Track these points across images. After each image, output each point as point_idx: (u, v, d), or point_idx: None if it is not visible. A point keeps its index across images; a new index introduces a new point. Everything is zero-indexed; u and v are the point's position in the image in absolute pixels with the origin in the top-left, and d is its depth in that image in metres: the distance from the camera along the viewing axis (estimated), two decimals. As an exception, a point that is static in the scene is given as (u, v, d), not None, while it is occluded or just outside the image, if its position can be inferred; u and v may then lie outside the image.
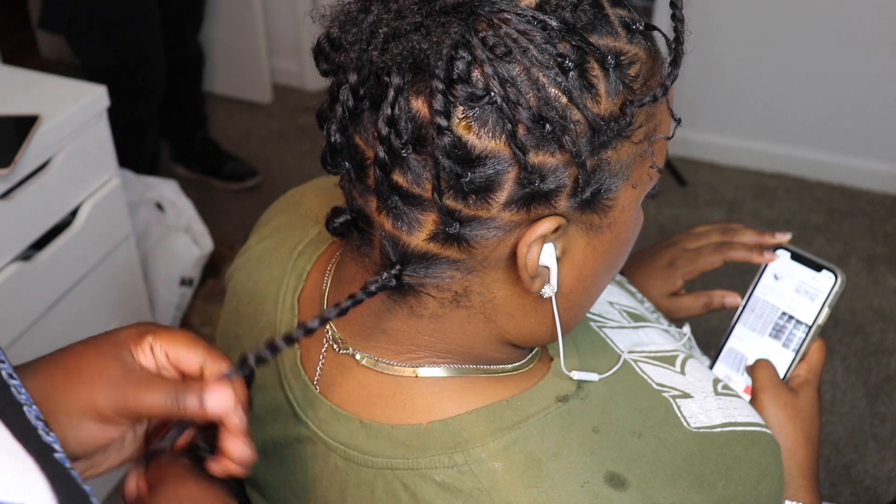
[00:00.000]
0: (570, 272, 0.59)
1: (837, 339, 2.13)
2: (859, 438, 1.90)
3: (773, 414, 0.79)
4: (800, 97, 2.59)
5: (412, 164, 0.53)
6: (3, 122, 1.34)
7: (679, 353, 0.75)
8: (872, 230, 2.49)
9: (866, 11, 2.39)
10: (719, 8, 2.51)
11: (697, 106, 2.67)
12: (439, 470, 0.59)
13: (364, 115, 0.54)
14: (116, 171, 1.55)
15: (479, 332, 0.61)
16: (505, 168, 0.51)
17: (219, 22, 2.85)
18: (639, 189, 0.58)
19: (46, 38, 3.08)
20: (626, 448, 0.62)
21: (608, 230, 0.58)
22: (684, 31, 0.56)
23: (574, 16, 0.51)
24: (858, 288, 2.28)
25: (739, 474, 0.66)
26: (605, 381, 0.66)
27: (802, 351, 0.84)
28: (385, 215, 0.55)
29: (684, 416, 0.67)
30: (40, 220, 1.41)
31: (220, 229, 2.37)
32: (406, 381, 0.62)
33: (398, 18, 0.51)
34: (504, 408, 0.61)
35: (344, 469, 0.63)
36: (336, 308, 0.58)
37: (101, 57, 2.10)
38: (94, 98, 1.44)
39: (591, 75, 0.52)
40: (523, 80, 0.50)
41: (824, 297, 0.84)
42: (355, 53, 0.52)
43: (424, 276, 0.57)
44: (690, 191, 2.64)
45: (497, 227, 0.54)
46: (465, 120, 0.50)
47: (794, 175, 2.69)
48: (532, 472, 0.58)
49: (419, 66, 0.50)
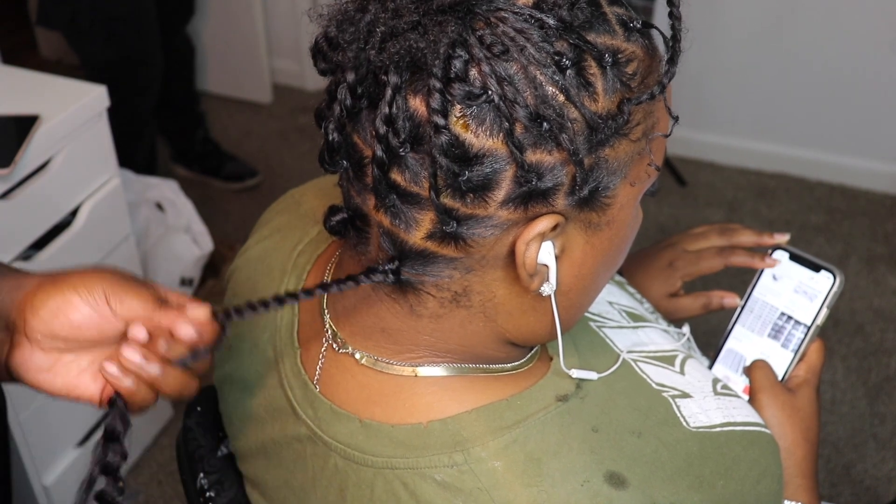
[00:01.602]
0: (569, 270, 0.59)
1: (837, 339, 2.13)
2: (859, 438, 1.90)
3: (772, 414, 0.79)
4: (800, 97, 2.59)
5: (410, 163, 0.53)
6: (3, 122, 1.34)
7: (678, 353, 0.75)
8: (872, 230, 2.49)
9: (866, 11, 2.39)
10: (719, 7, 2.51)
11: (697, 106, 2.67)
12: (439, 469, 0.59)
13: (362, 113, 0.54)
14: (116, 171, 1.55)
15: (479, 331, 0.61)
16: (502, 166, 0.51)
17: (219, 22, 2.85)
18: (637, 187, 0.58)
19: (46, 38, 3.08)
20: (626, 447, 0.62)
21: (607, 228, 0.58)
22: (681, 28, 0.56)
23: (571, 14, 0.51)
24: (858, 288, 2.28)
25: (739, 474, 0.66)
26: (605, 381, 0.66)
27: (801, 351, 0.84)
28: (383, 213, 0.55)
29: (684, 415, 0.67)
30: (40, 220, 1.41)
31: (220, 229, 2.37)
32: (406, 381, 0.62)
33: (395, 17, 0.51)
34: (504, 407, 0.61)
35: (344, 468, 0.63)
36: (336, 283, 0.58)
37: (100, 53, 2.11)
38: (94, 98, 1.44)
39: (588, 73, 0.52)
40: (520, 78, 0.50)
41: (823, 297, 0.84)
42: (353, 52, 0.52)
43: (423, 273, 0.57)
44: (690, 191, 2.64)
45: (495, 226, 0.54)
46: (462, 118, 0.51)
47: (794, 175, 2.69)
48: (532, 472, 0.58)
49: (416, 65, 0.51)
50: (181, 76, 2.49)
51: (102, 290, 0.57)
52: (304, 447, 0.66)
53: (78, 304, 0.57)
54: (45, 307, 0.57)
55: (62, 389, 0.59)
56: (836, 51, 2.47)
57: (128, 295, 0.58)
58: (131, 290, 0.58)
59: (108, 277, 0.58)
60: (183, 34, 2.51)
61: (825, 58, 2.49)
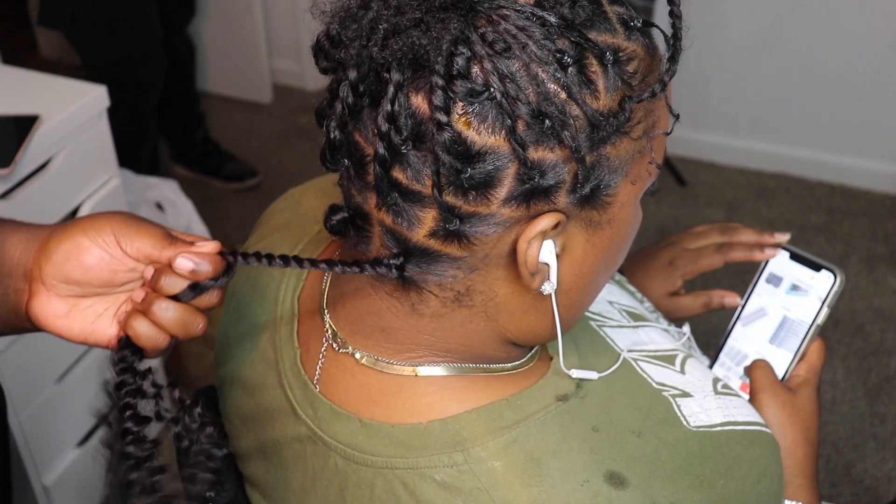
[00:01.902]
0: (569, 269, 0.59)
1: (837, 339, 2.13)
2: (859, 438, 1.90)
3: (772, 414, 0.79)
4: (800, 97, 2.59)
5: (412, 161, 0.53)
6: (3, 122, 1.34)
7: (679, 353, 0.75)
8: (872, 230, 2.49)
9: (866, 11, 2.39)
10: (719, 7, 2.51)
11: (697, 106, 2.67)
12: (439, 469, 0.59)
13: (364, 111, 0.54)
14: (116, 171, 1.55)
15: (480, 330, 0.61)
16: (504, 164, 0.51)
17: (219, 22, 2.85)
18: (638, 185, 0.58)
19: (46, 37, 3.08)
20: (626, 447, 0.62)
21: (607, 226, 0.58)
22: (682, 27, 0.56)
23: (573, 12, 0.51)
24: (858, 288, 2.28)
25: (739, 473, 0.66)
26: (605, 380, 0.66)
27: (802, 351, 0.84)
28: (385, 212, 0.55)
29: (684, 415, 0.67)
30: (40, 220, 1.39)
31: (220, 229, 2.37)
32: (406, 381, 0.62)
33: (398, 14, 0.51)
34: (504, 407, 0.61)
35: (344, 468, 0.63)
36: (340, 263, 0.59)
37: (103, 53, 2.11)
38: (94, 98, 1.44)
39: (589, 71, 0.52)
40: (522, 75, 0.50)
41: (823, 296, 0.83)
42: (355, 50, 0.52)
43: (427, 272, 0.57)
44: (690, 191, 2.64)
45: (497, 224, 0.54)
46: (464, 116, 0.51)
47: (794, 175, 2.69)
48: (532, 471, 0.58)
49: (419, 63, 0.50)
50: (181, 76, 2.49)
51: (112, 230, 0.59)
52: (303, 447, 0.66)
53: (88, 245, 0.59)
54: (57, 251, 0.59)
55: (80, 335, 0.61)
56: (836, 51, 2.47)
57: (137, 234, 0.59)
58: (141, 230, 0.60)
59: (116, 219, 0.60)
60: (184, 34, 2.51)
61: (825, 58, 2.49)
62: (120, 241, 0.59)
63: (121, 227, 0.59)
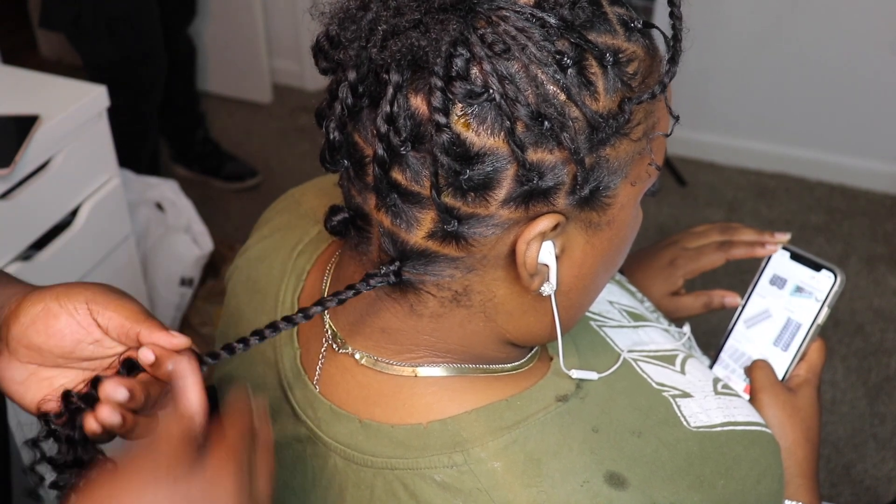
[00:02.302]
0: (569, 270, 0.59)
1: (837, 339, 2.13)
2: (859, 438, 1.90)
3: (773, 414, 0.79)
4: (800, 97, 2.59)
5: (411, 162, 0.53)
6: (3, 122, 1.34)
7: (679, 353, 0.75)
8: (872, 230, 2.49)
9: (866, 11, 2.39)
10: (719, 7, 2.51)
11: (697, 106, 2.67)
12: (439, 470, 0.59)
13: (363, 112, 0.54)
14: (116, 171, 1.55)
15: (479, 331, 0.61)
16: (503, 165, 0.51)
17: (219, 22, 2.85)
18: (638, 187, 0.58)
19: (46, 38, 3.08)
20: (626, 447, 0.62)
21: (607, 228, 0.58)
22: (682, 28, 0.56)
23: (572, 13, 0.51)
24: (858, 288, 2.28)
25: (739, 474, 0.66)
26: (605, 381, 0.66)
27: (802, 351, 0.83)
28: (384, 213, 0.55)
29: (684, 415, 0.67)
30: (40, 220, 1.41)
31: (220, 229, 2.37)
32: (405, 381, 0.62)
33: (397, 16, 0.51)
34: (503, 407, 0.61)
35: (343, 469, 0.63)
36: (335, 297, 0.58)
37: (104, 54, 2.11)
38: (94, 98, 1.44)
39: (589, 72, 0.52)
40: (522, 77, 0.50)
41: (824, 296, 0.83)
42: (354, 51, 0.52)
43: (424, 273, 0.57)
44: (690, 191, 2.64)
45: (496, 225, 0.54)
46: (463, 117, 0.50)
47: (794, 175, 2.69)
48: (532, 472, 0.58)
49: (418, 64, 0.50)
50: (182, 76, 2.49)
51: (85, 298, 0.57)
52: (303, 448, 0.66)
53: (57, 311, 0.57)
54: (26, 314, 0.57)
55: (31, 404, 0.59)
56: (836, 51, 2.47)
57: (112, 305, 0.58)
58: (116, 302, 0.58)
59: (94, 288, 0.58)
60: (184, 34, 2.51)
61: (825, 58, 2.49)
62: (92, 310, 0.57)
63: (96, 295, 0.58)
